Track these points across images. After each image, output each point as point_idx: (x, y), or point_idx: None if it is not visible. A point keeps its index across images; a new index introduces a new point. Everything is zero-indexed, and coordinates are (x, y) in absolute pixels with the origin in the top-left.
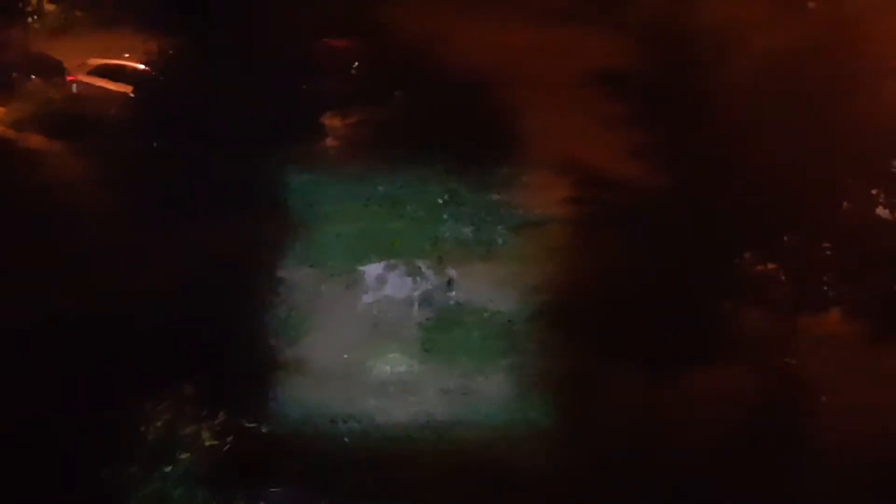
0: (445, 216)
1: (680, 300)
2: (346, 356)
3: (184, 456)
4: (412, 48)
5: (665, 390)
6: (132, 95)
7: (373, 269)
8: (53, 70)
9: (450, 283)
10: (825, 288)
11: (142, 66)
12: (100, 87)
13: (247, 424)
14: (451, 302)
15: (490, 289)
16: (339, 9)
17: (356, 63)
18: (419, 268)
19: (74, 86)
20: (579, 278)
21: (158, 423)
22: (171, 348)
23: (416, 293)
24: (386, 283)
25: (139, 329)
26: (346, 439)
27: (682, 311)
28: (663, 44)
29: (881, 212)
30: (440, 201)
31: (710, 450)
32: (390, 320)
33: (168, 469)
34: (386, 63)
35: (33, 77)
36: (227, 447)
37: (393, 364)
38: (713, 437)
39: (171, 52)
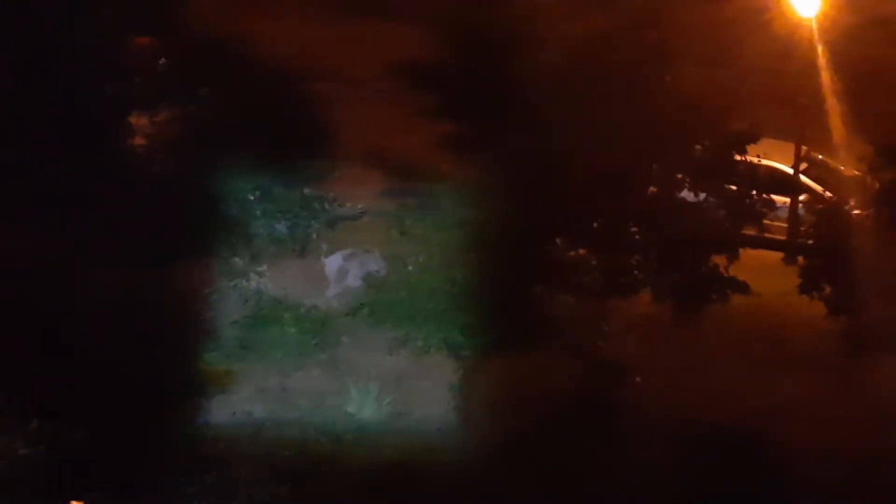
0: (258, 212)
1: (495, 288)
2: None
3: None
4: (218, 44)
5: (483, 376)
6: None
7: None
8: None
9: (264, 279)
10: (634, 271)
11: None
12: None
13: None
14: (267, 299)
15: (305, 284)
16: (143, 6)
17: (162, 60)
18: (233, 265)
19: None
20: (393, 270)
21: None
22: None
23: (232, 290)
24: None
25: None
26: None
27: (497, 299)
28: (467, 35)
29: (686, 195)
30: (251, 197)
31: (528, 433)
32: (206, 318)
33: None
34: (192, 60)
35: None
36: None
37: (210, 362)
38: (530, 422)
39: None
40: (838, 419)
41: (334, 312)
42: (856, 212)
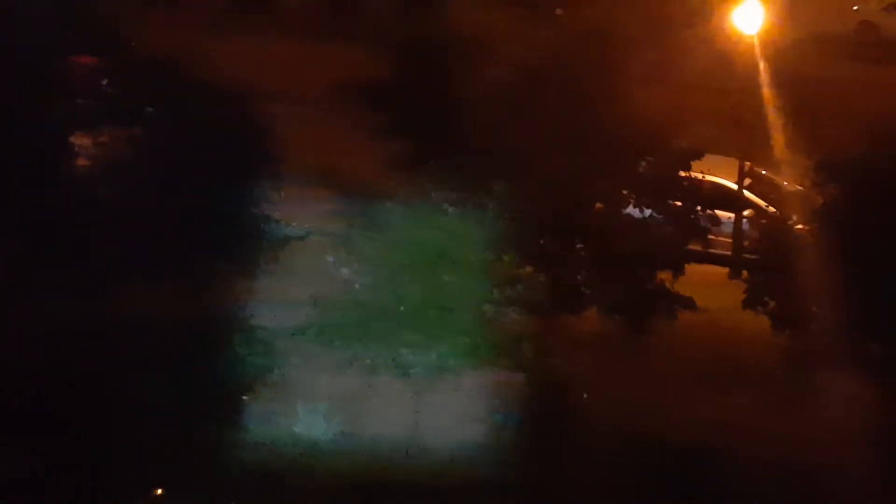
0: (205, 233)
1: (444, 306)
2: None
3: None
4: (165, 63)
5: (433, 395)
6: None
7: None
8: None
9: (212, 300)
10: (581, 288)
11: None
12: None
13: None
14: (215, 319)
15: (253, 304)
16: (86, 26)
17: (105, 80)
18: (180, 286)
19: None
20: (342, 290)
21: None
22: None
23: (179, 312)
24: None
25: None
26: None
27: (446, 318)
28: (418, 55)
29: (632, 211)
30: (199, 218)
31: (478, 451)
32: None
33: None
34: (137, 80)
35: None
36: None
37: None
38: (481, 438)
39: None
40: (782, 432)
41: (283, 333)
42: (798, 227)
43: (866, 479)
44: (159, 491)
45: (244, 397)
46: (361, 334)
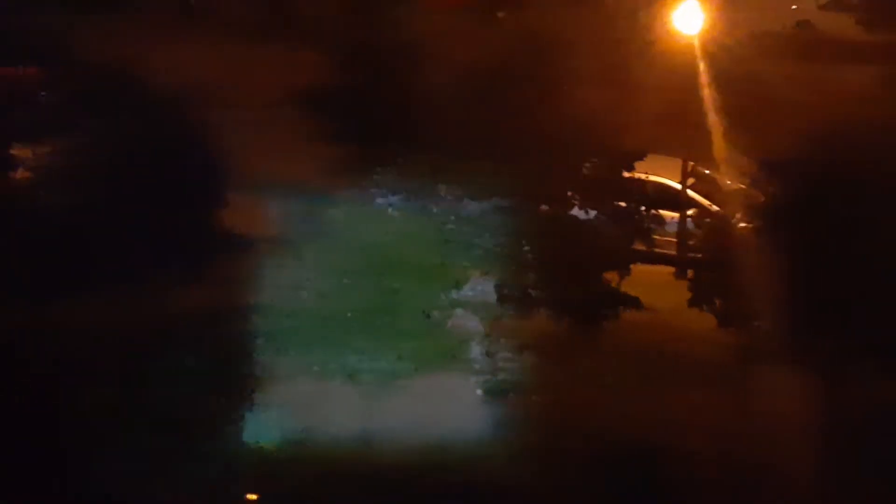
0: (151, 243)
1: (394, 311)
2: None
3: None
4: (105, 71)
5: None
6: None
7: None
8: None
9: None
10: (529, 290)
11: None
12: None
13: None
14: (160, 329)
15: (199, 312)
16: (23, 35)
17: (44, 91)
18: (123, 296)
19: None
20: (292, 297)
21: None
22: None
23: (121, 321)
24: None
25: None
26: None
27: (396, 322)
28: (362, 59)
29: (577, 212)
30: (143, 227)
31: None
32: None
33: None
34: (77, 89)
35: None
36: None
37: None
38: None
39: None
40: (730, 429)
41: (230, 340)
42: (742, 225)
43: (813, 473)
44: None
45: (189, 406)
46: (309, 340)
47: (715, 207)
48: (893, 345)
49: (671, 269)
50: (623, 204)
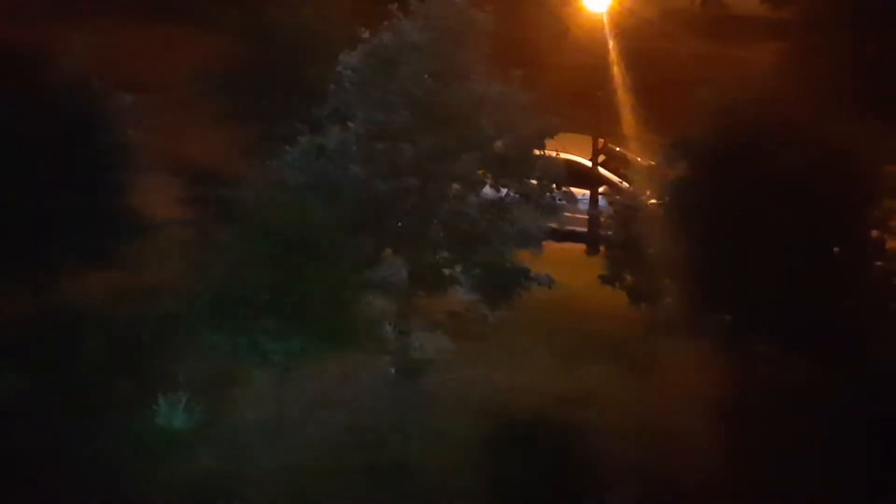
0: (56, 225)
1: (303, 292)
2: None
3: None
4: (10, 54)
5: (294, 380)
6: None
7: None
8: None
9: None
10: (441, 269)
11: None
12: None
13: None
14: (68, 311)
15: (109, 295)
16: None
17: None
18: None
19: None
20: (201, 279)
21: None
22: None
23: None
24: None
25: None
26: None
27: (306, 303)
28: (268, 41)
29: (488, 191)
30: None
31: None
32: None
33: None
34: None
35: None
36: None
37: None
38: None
39: None
40: (640, 402)
41: (140, 323)
42: (652, 202)
43: (719, 443)
44: None
45: (102, 389)
46: (219, 322)
47: (626, 185)
48: (791, 318)
49: (583, 247)
50: (534, 182)
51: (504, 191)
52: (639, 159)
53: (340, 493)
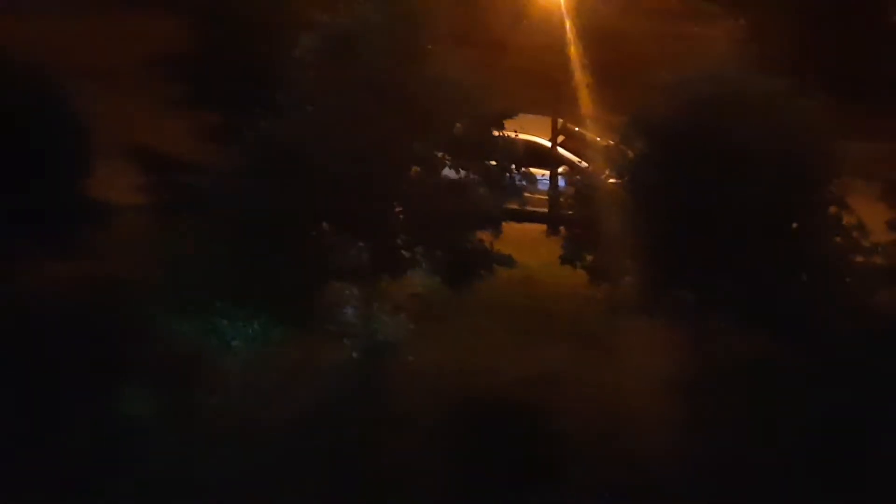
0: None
1: (264, 276)
2: None
3: None
4: None
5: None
6: None
7: None
8: None
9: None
10: (402, 251)
11: None
12: None
13: None
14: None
15: (66, 282)
16: None
17: None
18: None
19: None
20: (162, 266)
21: None
22: None
23: None
24: None
25: None
26: None
27: (267, 287)
28: (221, 24)
29: (448, 173)
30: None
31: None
32: None
33: None
34: None
35: None
36: None
37: None
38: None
39: None
40: (599, 382)
41: (100, 309)
42: (611, 181)
43: (676, 419)
44: None
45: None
46: (181, 308)
47: (585, 164)
48: (750, 294)
49: (543, 227)
50: (494, 163)
51: (463, 172)
52: (597, 139)
53: (301, 475)
